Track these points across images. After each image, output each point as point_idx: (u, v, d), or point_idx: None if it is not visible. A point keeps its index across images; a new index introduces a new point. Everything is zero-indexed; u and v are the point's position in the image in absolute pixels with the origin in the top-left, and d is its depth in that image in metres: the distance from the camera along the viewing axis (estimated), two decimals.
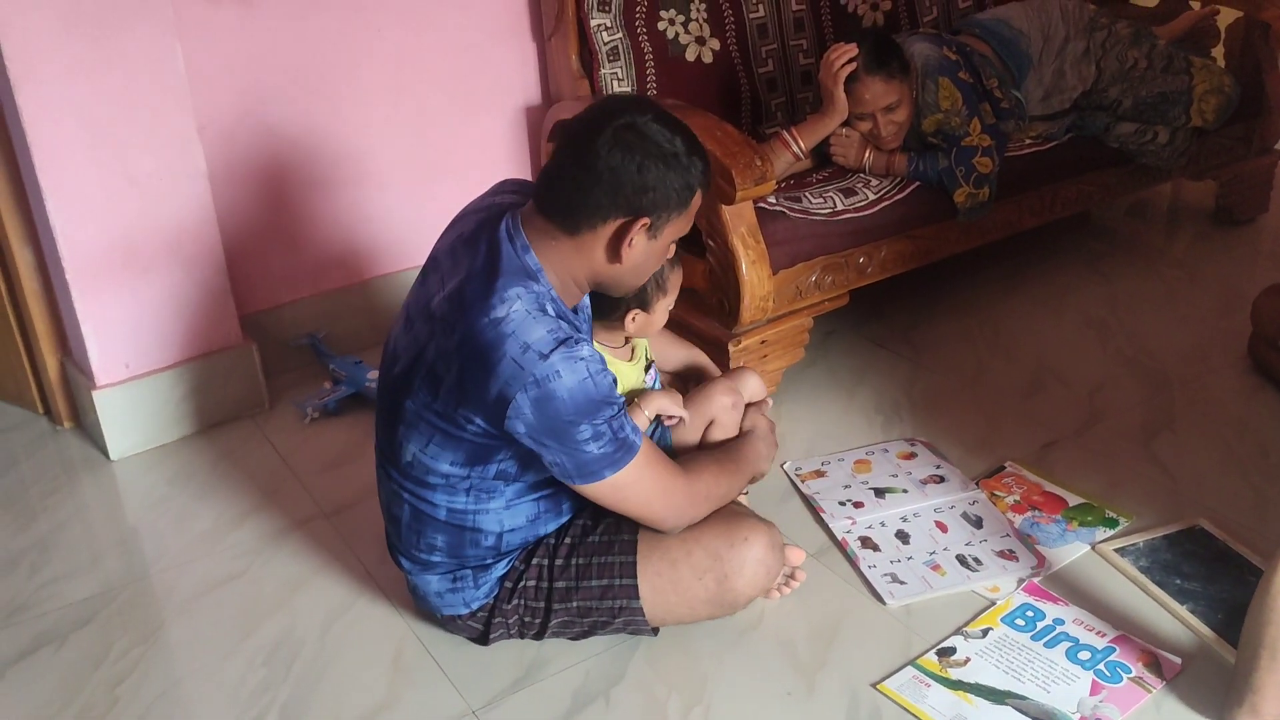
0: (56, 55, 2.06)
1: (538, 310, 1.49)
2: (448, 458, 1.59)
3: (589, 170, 1.48)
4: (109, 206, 2.20)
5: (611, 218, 1.51)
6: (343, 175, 2.65)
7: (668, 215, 1.54)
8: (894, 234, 2.48)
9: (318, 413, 2.46)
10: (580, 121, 1.54)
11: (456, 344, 1.51)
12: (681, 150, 1.51)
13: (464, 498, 1.64)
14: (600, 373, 1.51)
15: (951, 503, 2.08)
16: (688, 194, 1.54)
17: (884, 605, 1.85)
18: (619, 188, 1.49)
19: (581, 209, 1.51)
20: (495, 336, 1.47)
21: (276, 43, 2.46)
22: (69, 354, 2.42)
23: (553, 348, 1.46)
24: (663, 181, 1.50)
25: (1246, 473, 2.16)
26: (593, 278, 1.59)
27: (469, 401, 1.52)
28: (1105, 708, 1.63)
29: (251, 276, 2.59)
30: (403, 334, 1.64)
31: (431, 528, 1.67)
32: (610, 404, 1.52)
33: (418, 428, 1.59)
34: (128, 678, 1.77)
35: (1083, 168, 2.80)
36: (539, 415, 1.48)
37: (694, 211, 1.59)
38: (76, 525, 2.16)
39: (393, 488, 1.69)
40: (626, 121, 1.49)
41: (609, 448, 1.52)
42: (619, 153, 1.48)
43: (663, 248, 1.59)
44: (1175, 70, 2.80)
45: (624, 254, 1.53)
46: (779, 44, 2.82)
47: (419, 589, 1.75)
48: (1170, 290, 2.91)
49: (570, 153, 1.52)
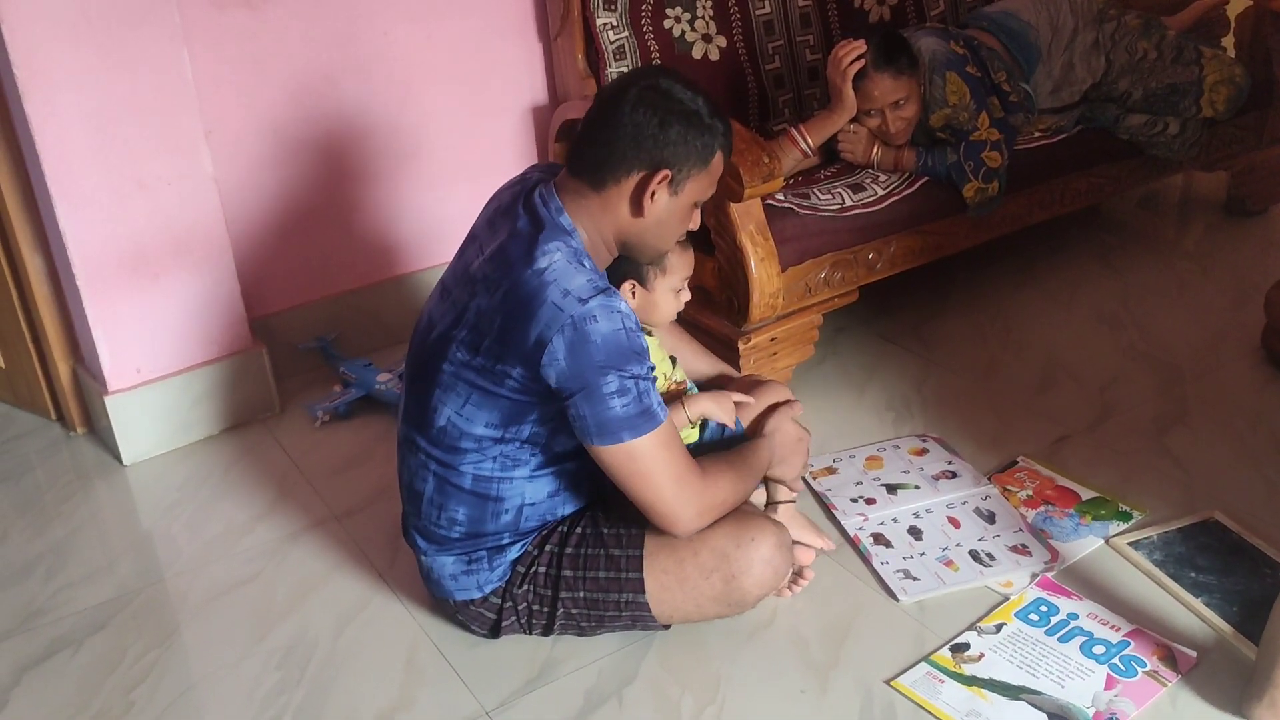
0: (64, 62, 2.07)
1: (576, 262, 1.57)
2: (483, 418, 1.63)
3: (613, 126, 1.58)
4: (118, 212, 2.21)
5: (635, 170, 1.60)
6: (350, 177, 2.65)
7: (688, 170, 1.61)
8: (903, 229, 2.48)
9: (328, 416, 2.46)
10: (608, 86, 1.66)
11: (501, 298, 1.57)
12: (704, 110, 1.61)
13: (490, 464, 1.66)
14: (635, 330, 1.57)
15: (964, 498, 2.07)
16: (708, 152, 1.62)
17: (897, 602, 1.84)
18: (641, 141, 1.58)
19: (606, 163, 1.60)
20: (538, 284, 1.54)
21: (283, 46, 2.47)
22: (80, 360, 2.43)
23: (591, 294, 1.53)
24: (683, 137, 1.59)
25: (1260, 465, 2.15)
26: (619, 235, 1.66)
27: (509, 351, 1.56)
28: (1120, 702, 1.62)
29: (261, 280, 2.59)
30: (439, 303, 1.70)
31: (455, 499, 1.69)
32: (640, 361, 1.57)
33: (455, 389, 1.63)
34: (143, 682, 1.77)
35: (1093, 160, 2.79)
36: (571, 359, 1.52)
37: (716, 173, 1.66)
38: (91, 530, 2.17)
39: (419, 459, 1.71)
40: (650, 83, 1.60)
41: (632, 408, 1.55)
42: (642, 109, 1.57)
43: (685, 206, 1.66)
44: (1185, 61, 2.78)
45: (645, 206, 1.61)
46: (786, 40, 2.82)
47: (433, 572, 1.75)
48: (1182, 282, 2.90)
49: (597, 111, 1.62)
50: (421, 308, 1.77)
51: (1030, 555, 1.92)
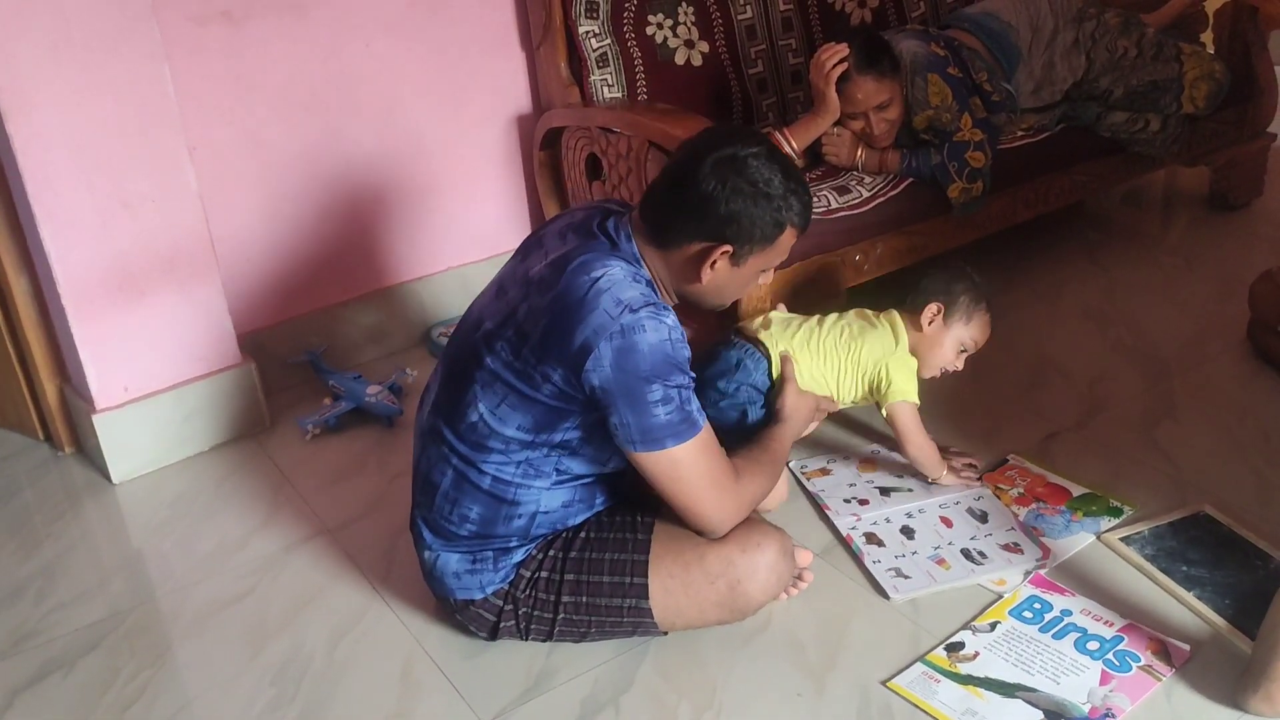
0: (46, 82, 2.06)
1: (633, 278, 1.59)
2: (516, 420, 1.63)
3: (682, 194, 1.60)
4: (103, 230, 2.20)
5: (697, 240, 1.61)
6: (335, 190, 2.65)
7: (751, 247, 1.62)
8: (889, 231, 2.48)
9: (319, 429, 2.46)
10: (689, 143, 1.65)
11: (551, 299, 1.58)
12: (778, 189, 1.59)
13: (512, 469, 1.67)
14: (681, 342, 1.58)
15: (956, 498, 2.08)
16: (775, 230, 1.62)
17: (888, 600, 1.85)
18: (706, 215, 1.59)
19: (670, 228, 1.63)
20: (592, 292, 1.56)
21: (265, 60, 2.47)
22: (67, 379, 2.42)
23: (643, 305, 1.55)
24: (748, 215, 1.59)
25: (1249, 457, 2.16)
26: (678, 289, 1.69)
27: (551, 354, 1.57)
28: (1115, 697, 1.62)
29: (248, 295, 2.59)
30: (492, 301, 1.71)
31: (470, 497, 1.69)
32: (684, 373, 1.58)
33: (492, 388, 1.64)
34: (137, 701, 1.76)
35: (1075, 158, 2.80)
36: (617, 368, 1.53)
37: (785, 247, 1.66)
38: (81, 550, 2.16)
39: (441, 451, 1.71)
40: (729, 154, 1.58)
41: (675, 416, 1.57)
42: (713, 181, 1.57)
43: (748, 275, 1.67)
44: (1165, 58, 2.80)
45: (704, 275, 1.63)
46: (768, 44, 2.82)
47: (436, 569, 1.75)
48: (1168, 278, 2.91)
49: (672, 172, 1.64)
50: (471, 303, 1.78)
51: (1022, 553, 1.92)
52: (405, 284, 2.81)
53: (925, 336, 2.08)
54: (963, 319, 2.08)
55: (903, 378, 2.05)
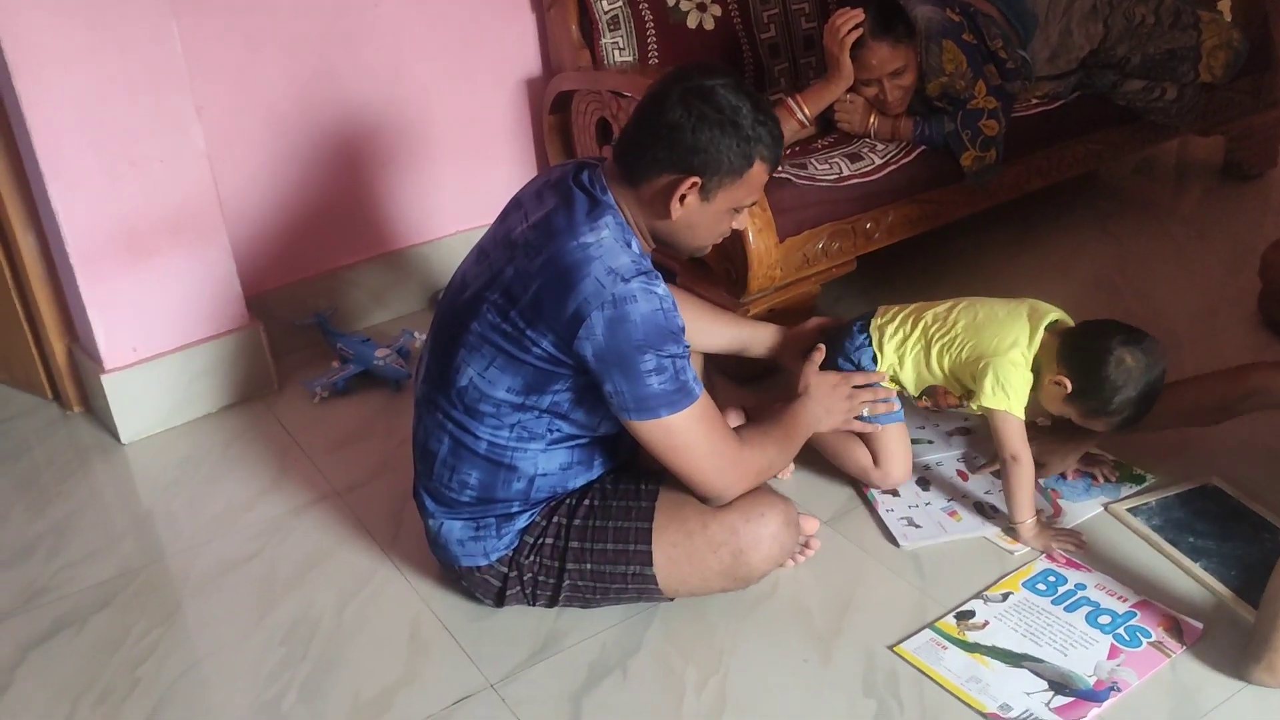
0: (54, 41, 2.04)
1: (623, 242, 1.58)
2: (505, 383, 1.63)
3: (651, 124, 1.57)
4: (111, 190, 2.19)
5: (665, 172, 1.58)
6: (343, 152, 2.63)
7: (719, 179, 1.59)
8: (901, 198, 2.47)
9: (327, 392, 2.46)
10: (659, 79, 1.63)
11: (540, 264, 1.57)
12: (746, 119, 1.56)
13: (507, 433, 1.67)
14: (673, 311, 1.57)
15: (975, 454, 2.09)
16: (744, 163, 1.58)
17: (898, 548, 1.86)
18: (674, 144, 1.56)
19: (639, 161, 1.60)
20: (582, 258, 1.54)
21: (274, 20, 2.44)
22: (76, 339, 2.42)
23: (634, 274, 1.54)
24: (716, 145, 1.55)
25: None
26: (652, 230, 1.66)
27: (542, 320, 1.56)
28: (1123, 671, 1.63)
29: (256, 257, 2.58)
30: (475, 264, 1.70)
31: (468, 463, 1.69)
32: (677, 341, 1.58)
33: (480, 350, 1.63)
34: (147, 659, 1.78)
35: (1090, 126, 2.78)
36: (609, 337, 1.52)
37: (755, 182, 1.63)
38: (91, 509, 2.17)
39: (437, 418, 1.71)
40: (697, 84, 1.56)
41: (669, 385, 1.57)
42: (680, 110, 1.55)
43: (717, 211, 1.64)
44: (1183, 26, 2.76)
45: (673, 210, 1.60)
46: (781, 9, 2.79)
47: (440, 536, 1.76)
48: (1179, 248, 2.89)
49: (641, 106, 1.61)
50: (455, 270, 1.77)
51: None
52: (413, 247, 2.80)
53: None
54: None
55: (992, 381, 1.81)
